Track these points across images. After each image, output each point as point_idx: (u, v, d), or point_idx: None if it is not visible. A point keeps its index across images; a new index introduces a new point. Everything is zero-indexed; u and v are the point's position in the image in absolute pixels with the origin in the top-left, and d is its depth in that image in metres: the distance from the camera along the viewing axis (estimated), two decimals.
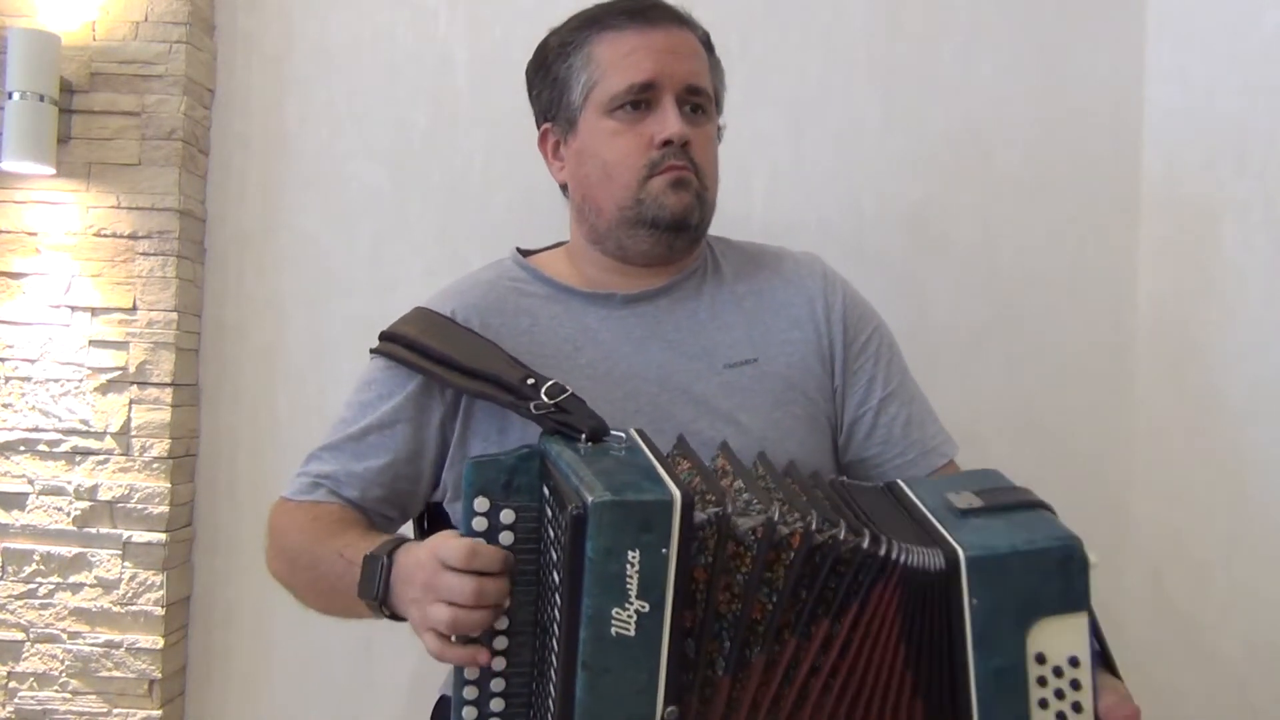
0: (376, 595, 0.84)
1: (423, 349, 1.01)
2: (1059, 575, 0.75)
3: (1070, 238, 1.59)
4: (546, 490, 0.79)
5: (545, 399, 0.90)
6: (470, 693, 0.80)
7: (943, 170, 1.60)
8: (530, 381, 0.93)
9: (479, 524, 0.79)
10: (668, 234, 1.04)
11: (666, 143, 1.02)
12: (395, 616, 0.85)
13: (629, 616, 0.71)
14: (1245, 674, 1.37)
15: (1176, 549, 1.48)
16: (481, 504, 0.79)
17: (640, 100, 1.03)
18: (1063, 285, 1.59)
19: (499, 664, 0.80)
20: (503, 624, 0.79)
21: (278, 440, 1.61)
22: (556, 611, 0.74)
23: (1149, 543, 1.53)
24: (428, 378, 1.02)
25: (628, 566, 0.70)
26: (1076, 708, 0.76)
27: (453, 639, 0.79)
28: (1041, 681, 0.76)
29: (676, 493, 0.72)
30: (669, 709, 0.73)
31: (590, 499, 0.71)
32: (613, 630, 0.71)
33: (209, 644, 1.62)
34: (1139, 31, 1.59)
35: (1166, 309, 1.54)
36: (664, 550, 0.71)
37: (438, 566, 0.78)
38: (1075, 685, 0.75)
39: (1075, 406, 1.59)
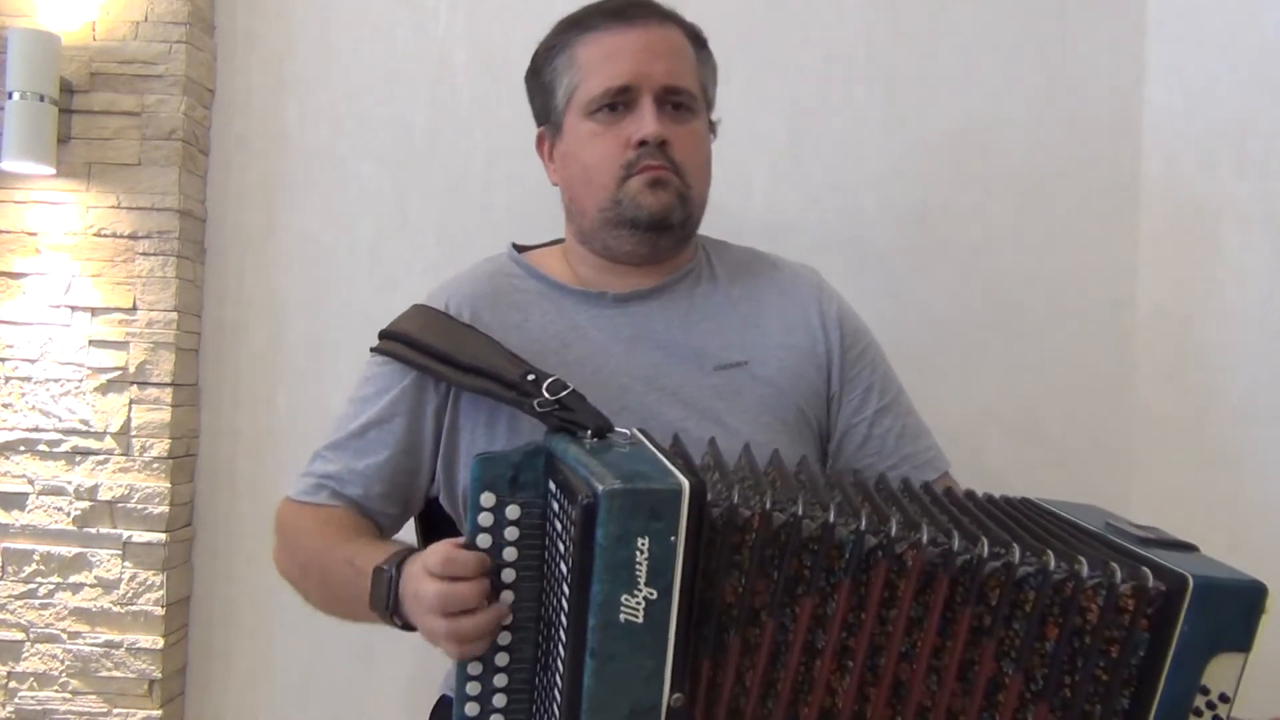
0: (388, 607, 0.85)
1: (421, 346, 1.02)
2: (1246, 614, 0.76)
3: (1070, 238, 1.59)
4: (553, 485, 0.80)
5: (547, 395, 0.91)
6: (473, 688, 0.81)
7: (943, 170, 1.60)
8: (531, 378, 0.93)
9: (485, 519, 0.80)
10: (650, 233, 1.04)
11: (642, 143, 1.02)
12: (409, 626, 0.86)
13: (638, 603, 0.71)
14: (1246, 674, 1.37)
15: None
16: (488, 499, 0.80)
17: (618, 102, 1.03)
18: (1063, 285, 1.59)
19: (502, 659, 0.81)
20: (506, 620, 0.80)
21: (278, 440, 1.61)
22: (564, 602, 0.75)
23: None
24: (424, 373, 1.02)
25: (637, 553, 0.71)
26: None
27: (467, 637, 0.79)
28: (1197, 712, 0.77)
29: (685, 482, 0.72)
30: (675, 696, 0.73)
31: (601, 487, 0.71)
32: (621, 617, 0.71)
33: (209, 644, 1.62)
34: (1139, 31, 1.59)
35: (1166, 309, 1.54)
36: (672, 538, 0.71)
37: (423, 575, 0.80)
38: None
39: (1075, 406, 1.59)
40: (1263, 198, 1.37)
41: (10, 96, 1.47)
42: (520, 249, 1.16)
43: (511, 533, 0.80)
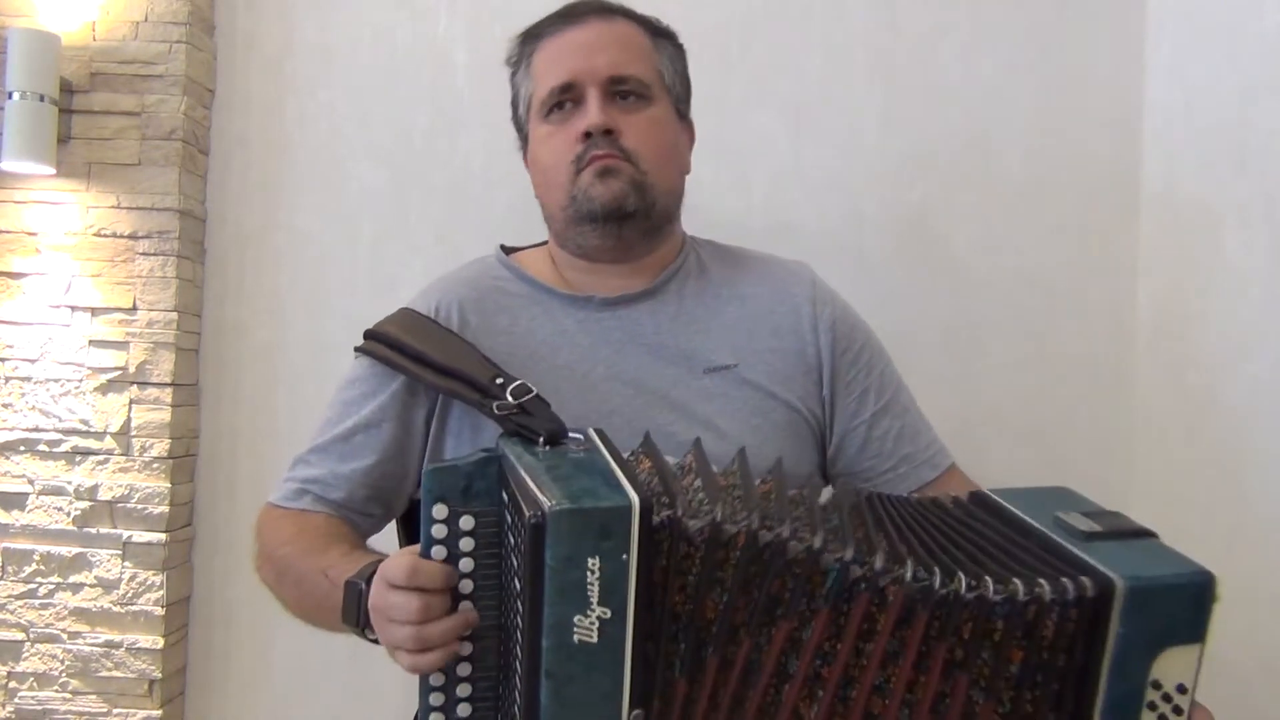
0: (358, 622, 0.84)
1: (402, 347, 1.01)
2: (1193, 608, 0.76)
3: (1070, 239, 1.59)
4: (505, 496, 0.78)
5: (510, 399, 0.90)
6: (437, 699, 0.80)
7: (943, 171, 1.60)
8: (499, 381, 0.93)
9: (439, 531, 0.78)
10: (611, 225, 1.03)
11: (588, 135, 1.02)
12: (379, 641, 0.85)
13: (591, 624, 0.70)
14: (1246, 674, 1.37)
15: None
16: (440, 511, 0.78)
17: (565, 100, 1.04)
18: (1063, 285, 1.59)
19: (464, 669, 0.79)
20: (466, 631, 0.79)
21: (278, 440, 1.62)
22: (519, 618, 0.74)
23: None
24: (408, 376, 1.02)
25: (588, 574, 0.69)
26: None
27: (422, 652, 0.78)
28: (1151, 706, 0.76)
29: (635, 498, 0.71)
30: (635, 713, 0.72)
31: (548, 506, 0.69)
32: (575, 638, 0.70)
33: (209, 644, 1.63)
34: (1139, 31, 1.59)
35: (1166, 309, 1.54)
36: (624, 556, 0.70)
37: (385, 587, 0.78)
38: (1178, 710, 0.77)
39: (1075, 407, 1.59)
40: (1263, 198, 1.37)
41: (10, 96, 1.47)
42: (508, 250, 1.16)
43: (467, 544, 0.78)
